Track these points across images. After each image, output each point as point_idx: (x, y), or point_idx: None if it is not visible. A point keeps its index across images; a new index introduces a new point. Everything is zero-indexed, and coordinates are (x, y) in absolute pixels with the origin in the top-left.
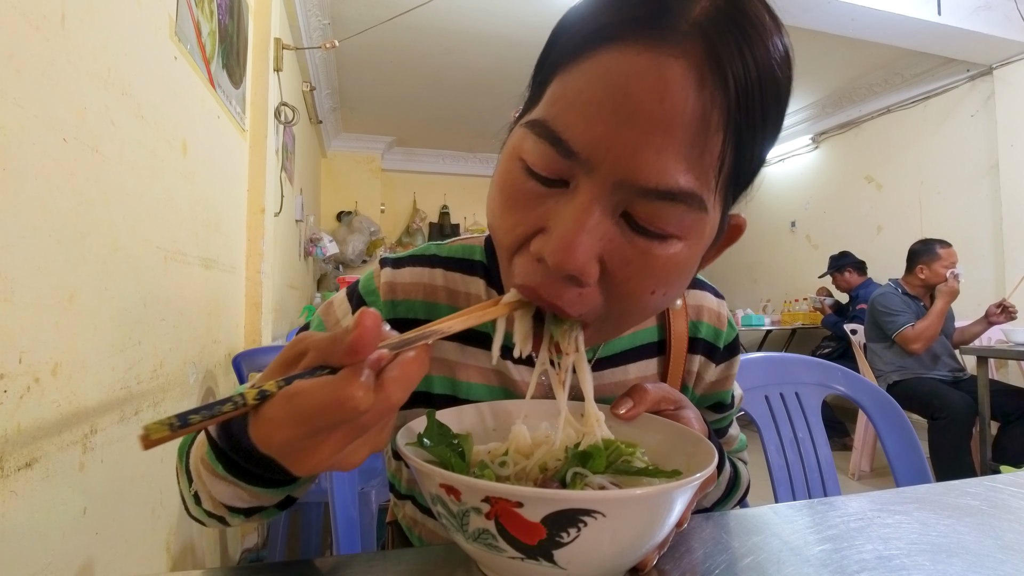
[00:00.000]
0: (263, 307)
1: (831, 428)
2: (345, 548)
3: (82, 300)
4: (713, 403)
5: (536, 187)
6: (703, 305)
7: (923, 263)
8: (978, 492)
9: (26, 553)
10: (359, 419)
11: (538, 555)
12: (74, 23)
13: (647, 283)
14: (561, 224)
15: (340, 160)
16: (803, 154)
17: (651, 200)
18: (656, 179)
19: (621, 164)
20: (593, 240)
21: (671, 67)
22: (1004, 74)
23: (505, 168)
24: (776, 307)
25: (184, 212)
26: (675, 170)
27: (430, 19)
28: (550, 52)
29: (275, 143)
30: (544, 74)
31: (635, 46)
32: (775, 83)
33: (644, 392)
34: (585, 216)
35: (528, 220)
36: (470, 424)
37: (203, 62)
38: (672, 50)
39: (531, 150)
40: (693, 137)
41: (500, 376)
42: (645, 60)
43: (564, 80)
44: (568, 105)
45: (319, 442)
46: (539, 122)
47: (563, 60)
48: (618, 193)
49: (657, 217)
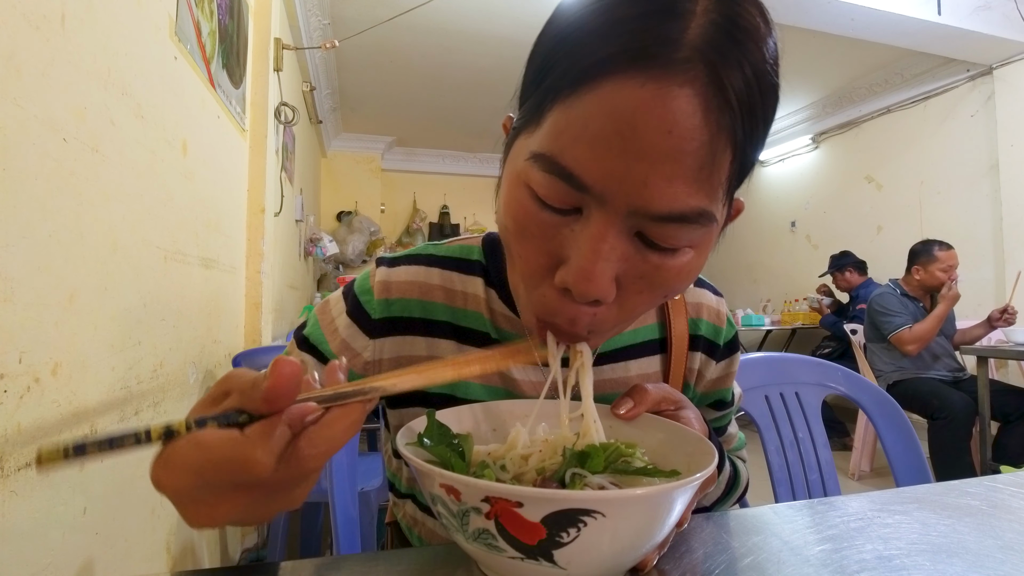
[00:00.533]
0: (263, 307)
1: (831, 428)
2: (345, 548)
3: (82, 300)
4: (714, 401)
5: (550, 217)
6: (702, 303)
7: (919, 264)
8: (978, 492)
9: (26, 553)
10: (263, 482)
11: (538, 555)
12: (74, 23)
13: (659, 291)
14: (579, 254)
15: (340, 160)
16: (803, 154)
17: (663, 224)
18: (668, 206)
19: (633, 195)
20: (611, 264)
21: (676, 97)
22: (1004, 74)
23: (515, 196)
24: (776, 307)
25: (184, 212)
26: (686, 195)
27: (430, 19)
28: (546, 73)
29: (275, 143)
30: (542, 97)
31: (638, 77)
32: (772, 87)
33: (644, 392)
34: (602, 244)
35: (547, 250)
36: (469, 425)
37: (203, 62)
38: (675, 79)
39: (541, 183)
40: (702, 161)
41: (500, 376)
42: (649, 92)
43: (567, 111)
44: (574, 139)
45: (218, 498)
46: (546, 157)
47: (563, 87)
48: (631, 220)
49: (671, 237)
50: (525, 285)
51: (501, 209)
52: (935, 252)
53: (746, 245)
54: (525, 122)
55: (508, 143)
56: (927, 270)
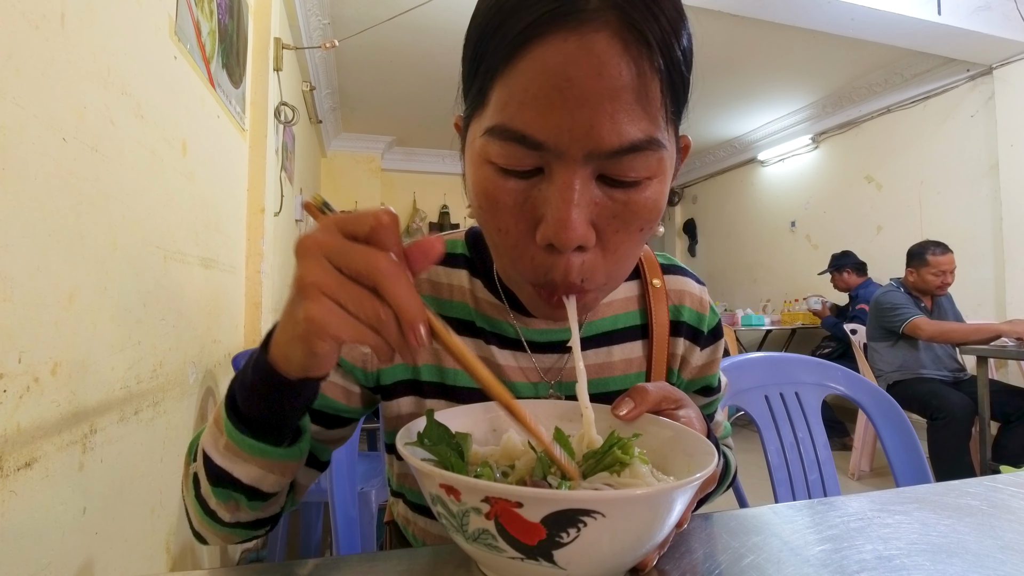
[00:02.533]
0: (263, 307)
1: (831, 428)
2: (345, 548)
3: (82, 300)
4: (701, 387)
5: (515, 184)
6: (684, 290)
7: (913, 267)
8: (978, 492)
9: (26, 553)
10: (385, 268)
11: (538, 555)
12: (74, 23)
13: (634, 226)
14: (552, 208)
15: (340, 160)
16: (803, 154)
17: (619, 158)
18: (618, 140)
19: (584, 140)
20: (582, 209)
21: (597, 42)
22: (1004, 74)
23: (480, 175)
24: (776, 307)
25: (184, 212)
26: (630, 125)
27: (430, 19)
28: (480, 59)
29: (275, 143)
30: (482, 80)
31: (560, 34)
32: (682, 20)
33: (645, 392)
34: (570, 192)
35: (521, 215)
36: (468, 425)
37: (203, 62)
38: (592, 26)
39: (500, 152)
40: (636, 93)
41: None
42: (573, 45)
43: (506, 83)
44: (520, 105)
45: (347, 294)
46: (498, 127)
47: (498, 64)
48: (590, 163)
49: (628, 168)
50: (511, 258)
51: (471, 193)
52: (927, 257)
53: (746, 245)
54: (473, 109)
55: (463, 135)
56: (919, 273)
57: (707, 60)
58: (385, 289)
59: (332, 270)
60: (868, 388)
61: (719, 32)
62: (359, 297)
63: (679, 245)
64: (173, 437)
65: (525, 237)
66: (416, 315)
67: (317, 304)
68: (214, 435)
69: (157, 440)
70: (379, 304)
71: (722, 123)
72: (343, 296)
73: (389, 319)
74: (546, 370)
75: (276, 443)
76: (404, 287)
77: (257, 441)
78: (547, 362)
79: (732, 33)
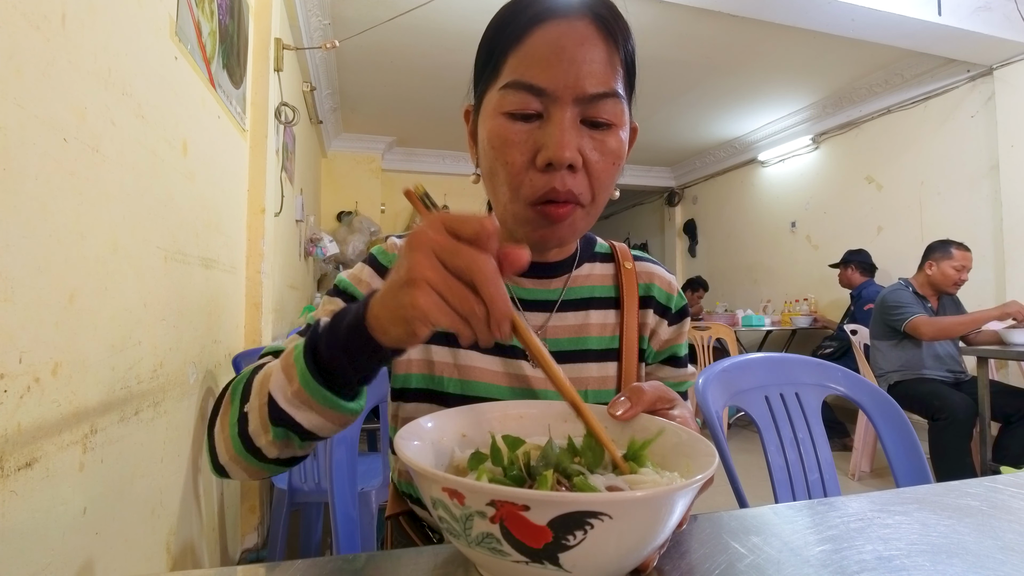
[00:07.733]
0: (263, 307)
1: (831, 428)
2: (345, 548)
3: (82, 300)
4: (668, 356)
5: (521, 126)
6: (654, 273)
7: (934, 259)
8: (978, 493)
9: (26, 553)
10: (483, 266)
11: (543, 559)
12: (74, 23)
13: (608, 159)
14: (552, 136)
15: (340, 160)
16: (803, 154)
17: (596, 102)
18: (596, 87)
19: (573, 86)
20: (573, 137)
21: (580, 26)
22: (1004, 75)
23: (492, 126)
24: (776, 307)
25: (184, 212)
26: (604, 78)
27: (430, 19)
28: (495, 43)
29: (275, 143)
30: (497, 58)
31: (555, 21)
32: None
33: (640, 392)
34: (563, 123)
35: (526, 149)
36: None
37: (203, 62)
38: (577, 17)
39: (511, 101)
40: (606, 57)
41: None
42: (564, 26)
43: (518, 53)
44: (528, 66)
45: (450, 289)
46: (512, 81)
47: (511, 43)
48: (577, 106)
49: (602, 111)
50: (514, 186)
51: (485, 142)
52: (952, 249)
53: (746, 245)
54: (487, 83)
55: (474, 112)
56: (939, 266)
57: (707, 60)
58: (483, 288)
59: (439, 266)
60: (868, 389)
61: (719, 32)
62: (460, 293)
63: (679, 245)
64: (173, 437)
65: (527, 166)
66: (505, 314)
67: (424, 295)
68: (281, 382)
69: (157, 440)
70: (475, 300)
71: (722, 123)
72: (446, 291)
73: (482, 314)
74: (535, 328)
75: (346, 398)
76: (499, 288)
77: (331, 393)
78: (537, 320)
79: (732, 33)
